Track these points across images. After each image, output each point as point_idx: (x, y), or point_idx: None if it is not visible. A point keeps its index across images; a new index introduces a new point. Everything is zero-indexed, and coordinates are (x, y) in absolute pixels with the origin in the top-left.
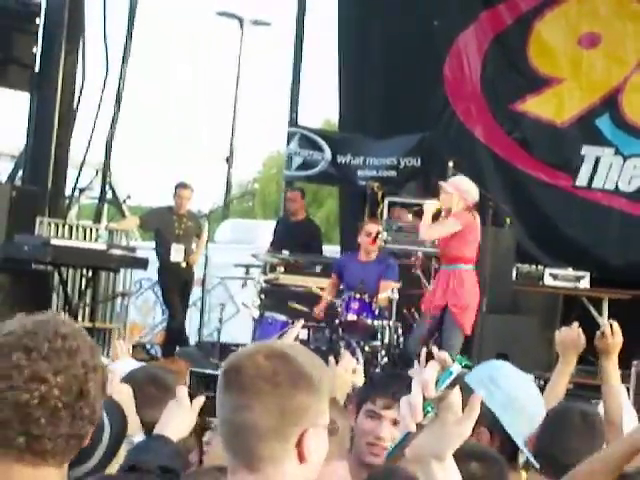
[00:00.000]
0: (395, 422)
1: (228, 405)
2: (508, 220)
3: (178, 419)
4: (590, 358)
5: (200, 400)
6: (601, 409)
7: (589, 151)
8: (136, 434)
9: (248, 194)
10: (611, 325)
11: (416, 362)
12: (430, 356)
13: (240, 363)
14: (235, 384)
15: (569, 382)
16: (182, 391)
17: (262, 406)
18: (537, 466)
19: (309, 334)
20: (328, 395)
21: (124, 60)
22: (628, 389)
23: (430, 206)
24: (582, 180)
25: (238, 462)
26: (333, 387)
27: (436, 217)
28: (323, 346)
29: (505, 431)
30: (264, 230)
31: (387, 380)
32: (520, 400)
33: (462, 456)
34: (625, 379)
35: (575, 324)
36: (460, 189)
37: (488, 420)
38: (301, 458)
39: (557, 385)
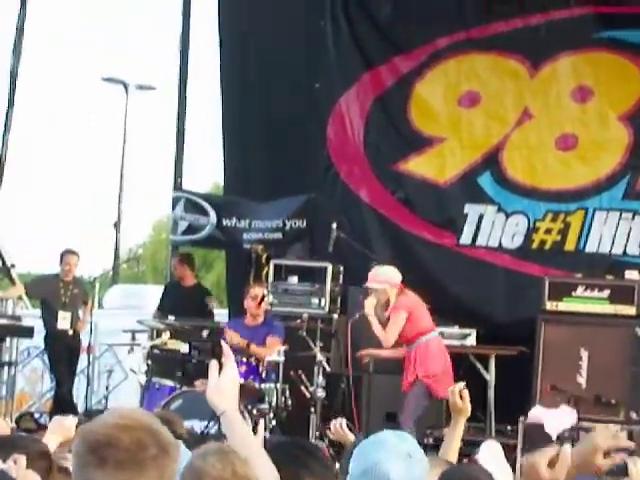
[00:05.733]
0: None
1: None
2: None
3: None
4: (479, 415)
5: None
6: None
7: (472, 209)
8: None
9: (134, 259)
10: (461, 391)
11: None
12: None
13: (109, 438)
14: (111, 460)
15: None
16: (21, 460)
17: None
18: None
19: None
20: None
21: (6, 127)
22: (515, 445)
23: (369, 308)
24: (466, 238)
25: None
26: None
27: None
28: None
29: None
30: (153, 295)
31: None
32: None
33: None
34: (512, 435)
35: (458, 387)
36: (387, 280)
37: None
38: None
39: (449, 449)
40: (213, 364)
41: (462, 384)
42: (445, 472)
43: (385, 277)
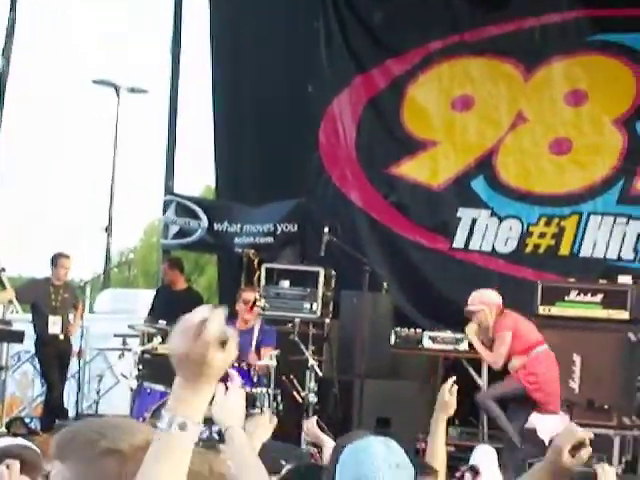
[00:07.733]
0: None
1: None
2: (385, 285)
3: None
4: (472, 420)
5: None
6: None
7: (465, 213)
8: None
9: (124, 264)
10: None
11: None
12: None
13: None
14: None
15: (450, 445)
16: (14, 466)
17: None
18: None
19: None
20: None
21: None
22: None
23: (471, 333)
24: (459, 242)
25: None
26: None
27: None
28: None
29: None
30: (144, 299)
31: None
32: None
33: None
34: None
35: (448, 384)
36: (485, 301)
37: None
38: None
39: (436, 451)
40: (220, 386)
41: (452, 379)
42: None
43: (482, 299)
